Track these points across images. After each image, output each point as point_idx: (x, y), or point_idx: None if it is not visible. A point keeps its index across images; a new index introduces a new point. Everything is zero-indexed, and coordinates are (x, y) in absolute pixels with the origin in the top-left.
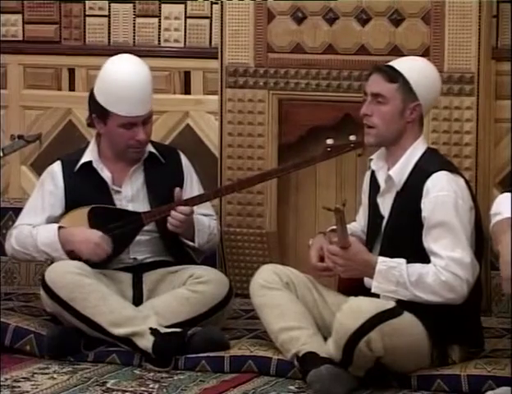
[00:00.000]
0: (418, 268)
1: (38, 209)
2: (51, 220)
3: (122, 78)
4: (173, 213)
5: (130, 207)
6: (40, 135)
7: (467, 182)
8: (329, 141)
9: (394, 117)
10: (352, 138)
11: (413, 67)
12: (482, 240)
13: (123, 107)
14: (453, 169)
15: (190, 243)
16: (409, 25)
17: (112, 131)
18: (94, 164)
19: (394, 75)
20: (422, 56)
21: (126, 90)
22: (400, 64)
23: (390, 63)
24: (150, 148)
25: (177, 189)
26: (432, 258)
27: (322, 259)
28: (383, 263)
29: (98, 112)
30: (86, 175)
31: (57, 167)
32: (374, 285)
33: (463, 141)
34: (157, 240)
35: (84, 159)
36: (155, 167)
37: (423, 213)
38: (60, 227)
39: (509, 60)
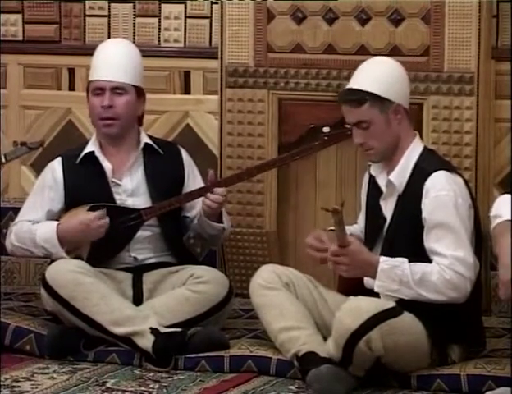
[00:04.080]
0: (421, 266)
1: (38, 204)
2: (51, 214)
3: (101, 47)
4: (212, 195)
5: (130, 201)
6: (43, 141)
7: (465, 181)
8: (325, 129)
9: (384, 131)
10: (348, 125)
11: (371, 77)
12: (480, 239)
13: (95, 72)
14: (451, 168)
15: (220, 225)
16: (408, 25)
17: (89, 103)
18: (96, 154)
19: (359, 97)
20: (421, 55)
21: (101, 56)
22: (359, 80)
23: (350, 84)
24: (146, 139)
25: (211, 171)
26: (435, 258)
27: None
28: (386, 262)
29: (87, 92)
30: (87, 167)
31: (57, 163)
32: (377, 284)
33: (463, 141)
34: (158, 237)
35: (87, 150)
36: (154, 159)
37: (424, 214)
38: (59, 225)
39: (509, 60)
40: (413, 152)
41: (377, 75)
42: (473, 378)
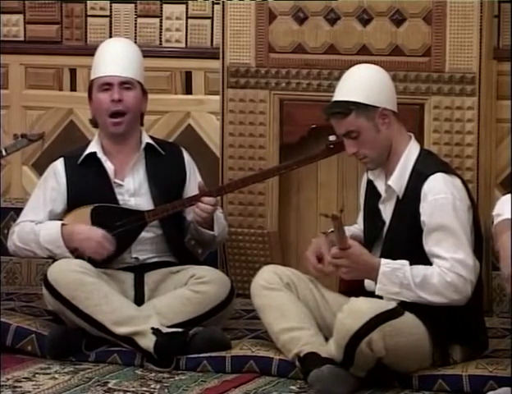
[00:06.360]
0: (421, 269)
1: (40, 205)
2: (53, 215)
3: (104, 45)
4: (201, 205)
5: (133, 201)
6: (43, 133)
7: (463, 182)
8: (331, 138)
9: (374, 137)
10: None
11: (353, 86)
12: (481, 240)
13: (100, 69)
14: (448, 170)
15: (211, 232)
16: (410, 25)
17: (95, 100)
18: (99, 155)
19: (344, 109)
20: (423, 56)
21: (104, 53)
22: (342, 91)
23: (334, 96)
24: (148, 139)
25: (200, 182)
26: (436, 260)
27: (319, 260)
28: (387, 264)
29: (88, 92)
30: (89, 168)
31: (59, 164)
32: (378, 287)
33: (464, 141)
34: (160, 239)
35: (89, 150)
36: (156, 159)
37: (422, 217)
38: (63, 225)
39: (510, 60)
40: (410, 155)
41: (359, 83)
42: (474, 379)
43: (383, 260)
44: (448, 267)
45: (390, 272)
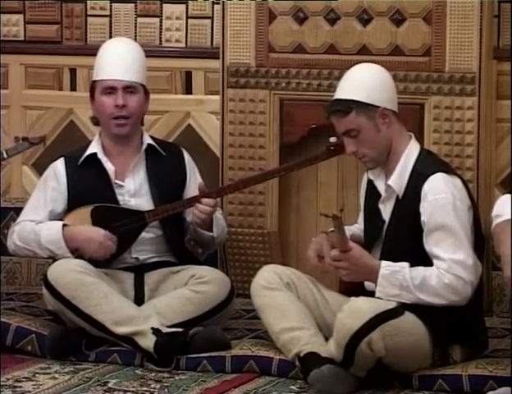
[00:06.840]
0: (421, 271)
1: (41, 205)
2: (53, 215)
3: (107, 46)
4: (200, 206)
5: (133, 202)
6: (44, 137)
7: (464, 182)
8: (332, 139)
9: (374, 137)
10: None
11: (354, 85)
12: (481, 239)
13: (104, 71)
14: (449, 170)
15: (210, 233)
16: (410, 25)
17: (97, 103)
18: (99, 155)
19: (344, 107)
20: (423, 56)
21: (108, 54)
22: (343, 89)
23: (335, 94)
24: (149, 140)
25: (201, 182)
26: (435, 261)
27: (320, 259)
28: (386, 267)
29: (90, 91)
30: (89, 168)
31: (60, 164)
32: (378, 289)
33: (464, 141)
34: (160, 239)
35: (90, 151)
36: (156, 160)
37: (423, 217)
38: (64, 225)
39: (510, 60)
40: (410, 155)
41: (360, 82)
42: (474, 379)
43: (383, 263)
44: (445, 268)
45: (390, 275)
